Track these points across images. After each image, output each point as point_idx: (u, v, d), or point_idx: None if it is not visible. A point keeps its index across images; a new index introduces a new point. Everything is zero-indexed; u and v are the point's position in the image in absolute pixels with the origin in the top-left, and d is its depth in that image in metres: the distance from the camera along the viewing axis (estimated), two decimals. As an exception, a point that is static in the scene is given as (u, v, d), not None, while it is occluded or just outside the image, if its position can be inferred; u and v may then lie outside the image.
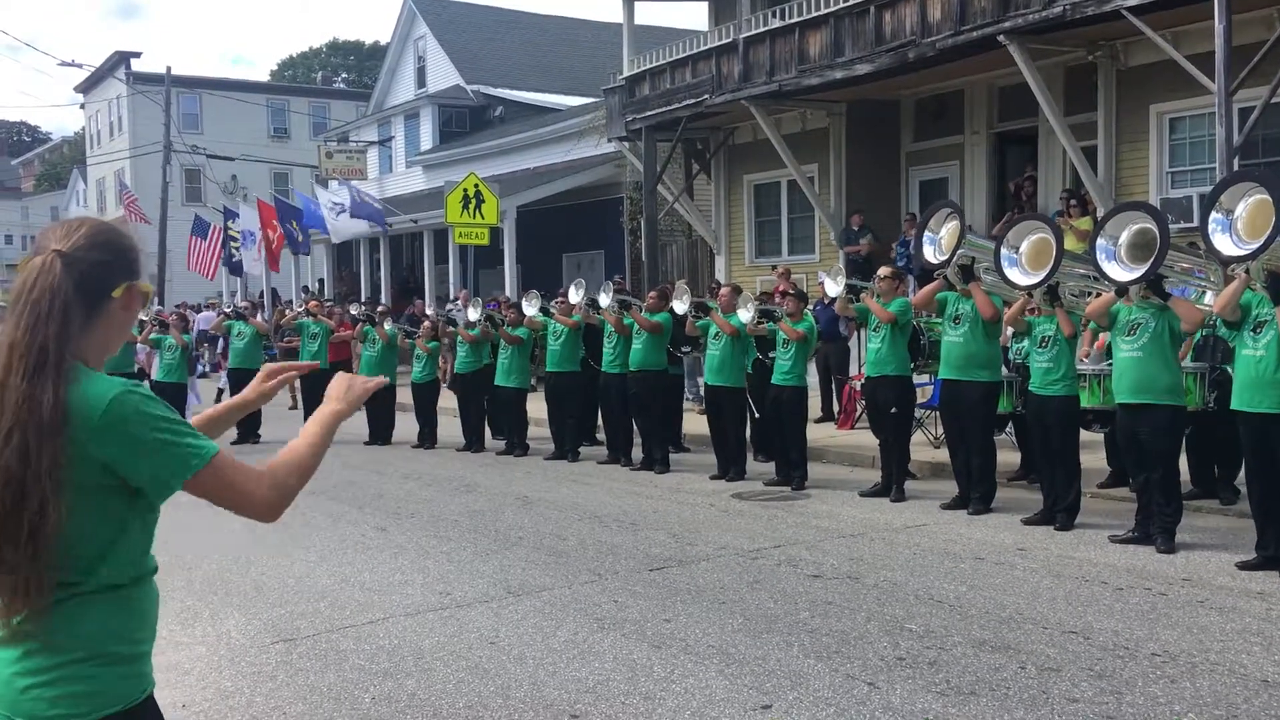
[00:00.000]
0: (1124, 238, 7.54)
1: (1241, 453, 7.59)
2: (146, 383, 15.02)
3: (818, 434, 12.62)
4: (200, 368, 19.01)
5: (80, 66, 40.90)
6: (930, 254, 9.03)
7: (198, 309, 28.43)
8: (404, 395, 15.99)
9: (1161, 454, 7.61)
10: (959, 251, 8.79)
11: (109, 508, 2.04)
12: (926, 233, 9.10)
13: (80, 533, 2.01)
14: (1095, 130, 14.40)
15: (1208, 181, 12.79)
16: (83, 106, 51.45)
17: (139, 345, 15.25)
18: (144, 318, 15.22)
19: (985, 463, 9.09)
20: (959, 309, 9.06)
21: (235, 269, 30.74)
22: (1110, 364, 8.41)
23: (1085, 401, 8.71)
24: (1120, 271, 7.51)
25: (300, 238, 26.30)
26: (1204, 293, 8.40)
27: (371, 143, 35.15)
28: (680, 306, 11.82)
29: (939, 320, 9.93)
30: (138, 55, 43.87)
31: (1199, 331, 8.23)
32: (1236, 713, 4.61)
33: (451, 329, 14.73)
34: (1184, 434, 8.11)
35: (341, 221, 25.45)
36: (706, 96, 17.91)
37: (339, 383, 2.47)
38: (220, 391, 18.78)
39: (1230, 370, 8.05)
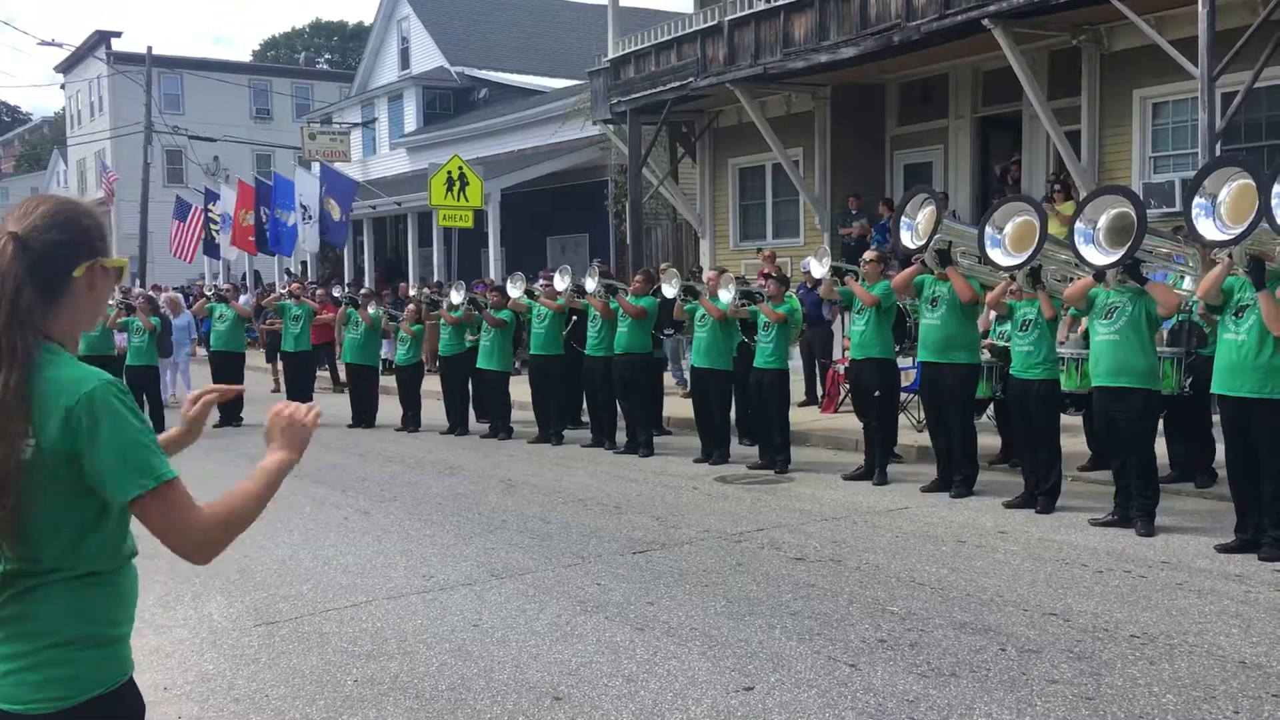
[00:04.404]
0: (1102, 222, 7.56)
1: (1219, 436, 7.64)
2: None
3: (801, 417, 12.65)
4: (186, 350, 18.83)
5: (60, 46, 40.69)
6: (907, 239, 9.07)
7: (185, 291, 28.24)
8: (388, 379, 15.98)
9: (1137, 437, 7.66)
10: (936, 236, 8.82)
11: (85, 493, 2.01)
12: (903, 218, 9.14)
13: (57, 518, 1.99)
14: (1079, 115, 14.42)
15: (1190, 166, 12.83)
16: (63, 86, 51.05)
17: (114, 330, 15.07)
18: (111, 301, 15.08)
19: (966, 445, 9.13)
20: (936, 292, 9.11)
21: (213, 251, 30.57)
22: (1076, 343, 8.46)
23: (1063, 384, 8.75)
24: (1098, 255, 7.54)
25: (278, 218, 25.92)
26: (1182, 277, 8.43)
27: (355, 124, 34.97)
28: (669, 290, 11.81)
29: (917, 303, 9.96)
30: (118, 34, 43.51)
31: (1174, 317, 8.27)
32: (1214, 694, 4.65)
33: (435, 312, 14.69)
34: (1159, 417, 8.16)
35: (309, 228, 24.89)
36: (691, 79, 17.86)
37: (275, 422, 2.31)
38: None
39: (1201, 353, 8.15)
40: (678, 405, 13.73)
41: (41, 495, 1.97)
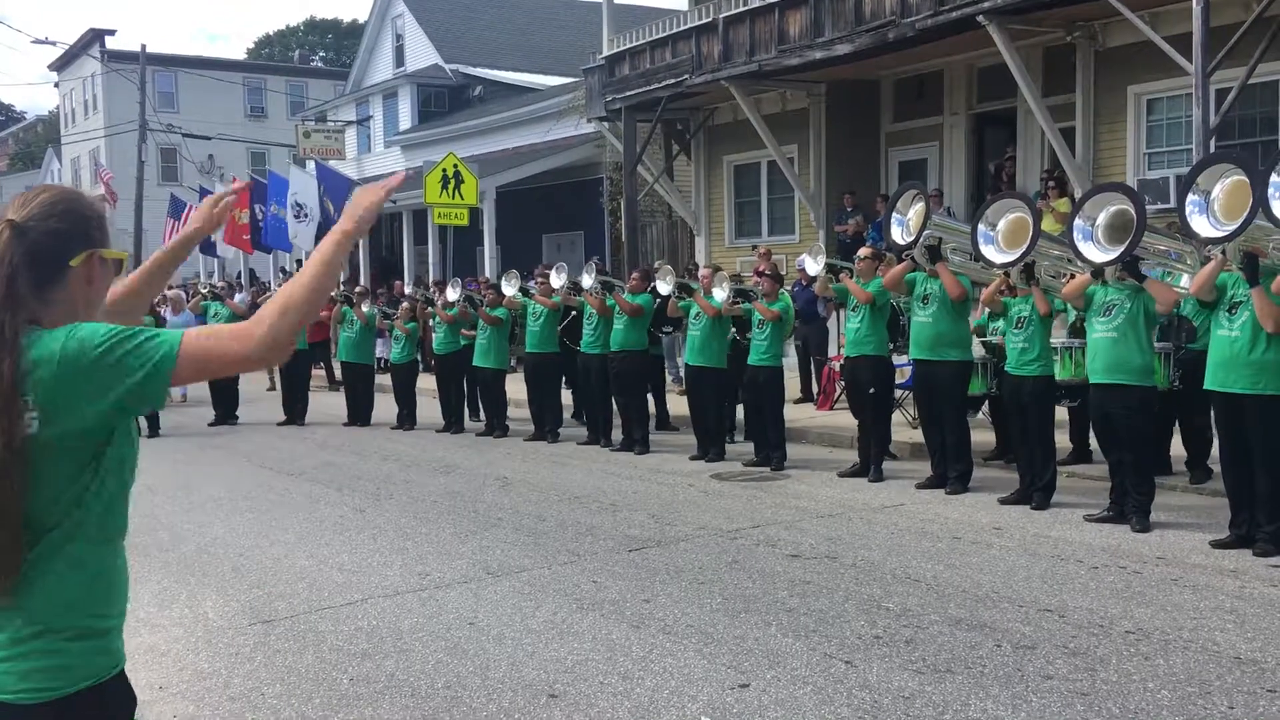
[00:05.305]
0: (1101, 219, 7.56)
1: (1214, 432, 7.66)
2: None
3: (797, 415, 12.66)
4: None
5: (54, 44, 40.61)
6: (898, 235, 9.08)
7: (183, 288, 28.15)
8: (383, 377, 15.97)
9: (1134, 434, 7.67)
10: (925, 232, 8.84)
11: (76, 476, 2.01)
12: (894, 214, 9.15)
13: (53, 495, 1.99)
14: (1073, 111, 14.44)
15: (1185, 162, 12.85)
16: (57, 85, 50.94)
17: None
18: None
19: (960, 442, 9.15)
20: (927, 289, 9.12)
21: (208, 249, 30.50)
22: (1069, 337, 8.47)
23: (1057, 374, 8.75)
24: (1096, 252, 7.54)
25: (274, 214, 25.82)
26: (1179, 275, 8.43)
27: (350, 122, 34.91)
28: (664, 287, 11.82)
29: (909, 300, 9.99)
30: (112, 33, 43.47)
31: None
32: (1209, 689, 4.66)
33: (429, 310, 14.68)
34: (1155, 414, 8.17)
35: (304, 227, 24.72)
36: (686, 76, 17.86)
37: (356, 196, 2.26)
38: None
39: (1191, 348, 8.18)
40: (673, 403, 13.72)
41: (41, 471, 1.97)
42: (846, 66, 16.31)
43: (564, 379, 13.57)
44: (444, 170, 19.31)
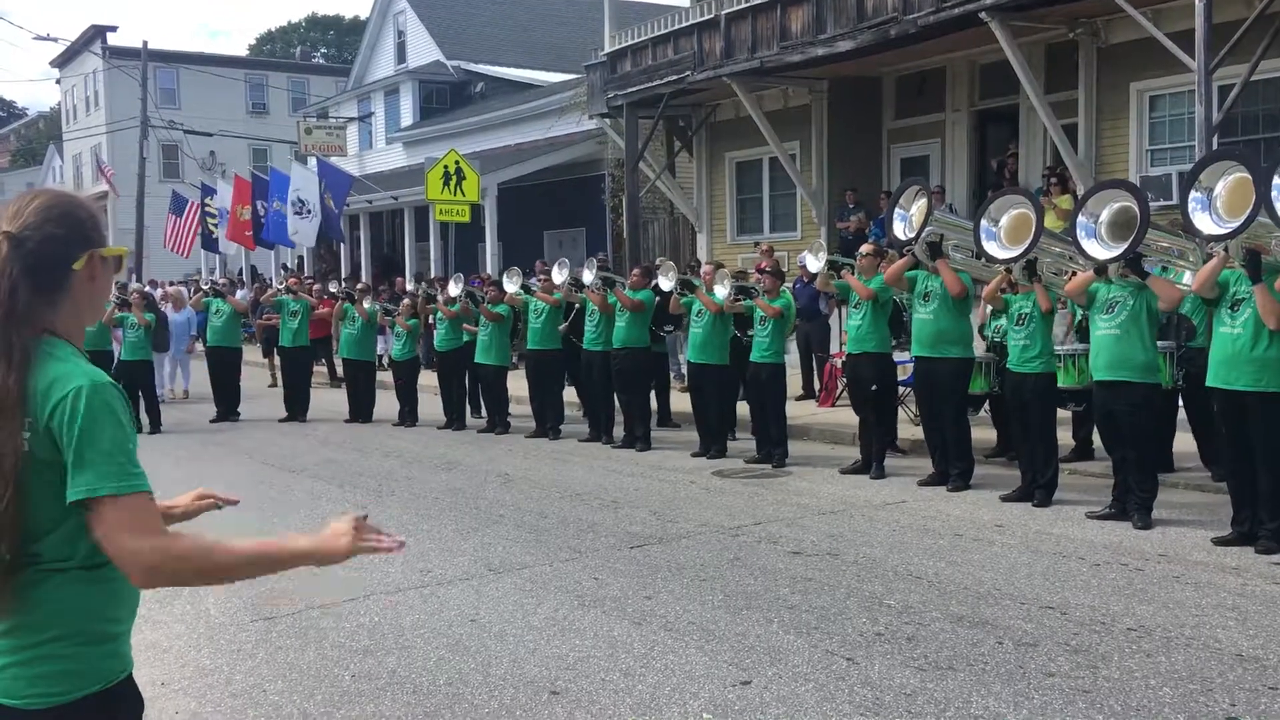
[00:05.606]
0: (1105, 215, 7.54)
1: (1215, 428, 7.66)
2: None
3: (799, 411, 12.66)
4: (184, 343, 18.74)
5: (55, 40, 40.58)
6: (900, 230, 9.07)
7: (186, 284, 28.16)
8: (384, 374, 15.96)
9: (1137, 431, 7.67)
10: (926, 229, 8.83)
11: None
12: (897, 209, 9.14)
13: (57, 512, 1.99)
14: (1076, 108, 14.43)
15: (1187, 159, 12.83)
16: (58, 81, 50.92)
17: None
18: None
19: (960, 439, 9.14)
20: (928, 286, 9.12)
21: (211, 246, 30.52)
22: (1073, 341, 8.47)
23: (1061, 381, 8.75)
24: (1100, 249, 7.53)
25: (278, 210, 25.82)
26: (1182, 272, 8.43)
27: (351, 119, 34.89)
28: (666, 283, 11.81)
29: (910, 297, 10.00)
30: (114, 29, 43.51)
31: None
32: (1211, 686, 4.65)
33: (431, 306, 14.68)
34: (1159, 411, 8.17)
35: (305, 223, 24.63)
36: (688, 73, 17.83)
37: (341, 524, 2.18)
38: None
39: (1190, 346, 8.18)
40: (674, 399, 13.72)
41: (41, 488, 1.97)
42: (848, 63, 16.28)
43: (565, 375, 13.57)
44: (445, 167, 19.32)
